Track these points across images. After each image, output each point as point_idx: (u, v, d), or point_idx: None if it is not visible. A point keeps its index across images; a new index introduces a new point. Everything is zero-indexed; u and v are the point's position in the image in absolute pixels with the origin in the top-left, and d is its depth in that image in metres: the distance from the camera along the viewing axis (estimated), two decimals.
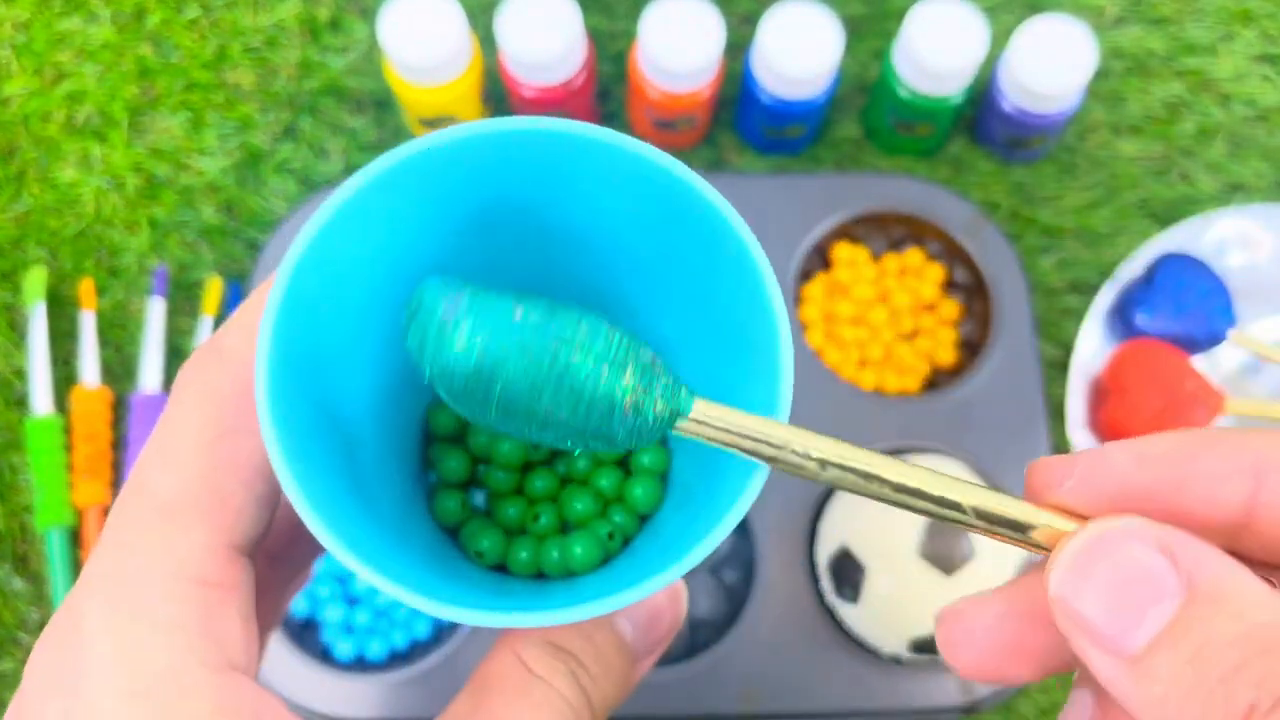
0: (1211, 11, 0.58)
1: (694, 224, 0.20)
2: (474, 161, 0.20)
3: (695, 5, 0.48)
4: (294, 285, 0.19)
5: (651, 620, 0.21)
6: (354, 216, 0.20)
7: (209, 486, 0.19)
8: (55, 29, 0.57)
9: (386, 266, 0.21)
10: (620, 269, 0.23)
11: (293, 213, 0.51)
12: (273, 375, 0.18)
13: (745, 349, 0.21)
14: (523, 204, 0.22)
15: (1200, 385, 0.48)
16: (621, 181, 0.21)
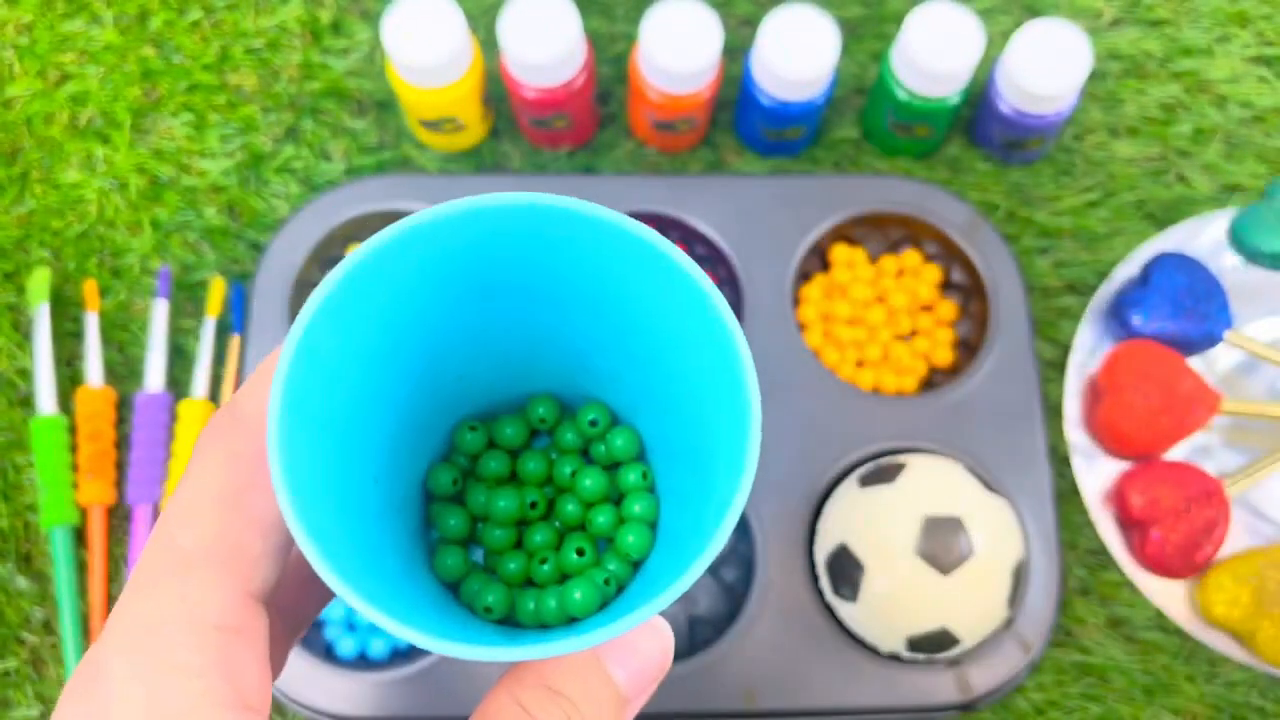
0: (1207, 13, 0.58)
1: (674, 295, 0.22)
2: (468, 232, 0.22)
3: (695, 8, 0.49)
4: (302, 353, 0.20)
5: (642, 666, 0.22)
6: (359, 285, 0.21)
7: (227, 539, 0.20)
8: (58, 31, 0.57)
9: (388, 332, 0.23)
10: (603, 333, 0.25)
11: (295, 213, 0.51)
12: (283, 437, 0.19)
13: (717, 414, 0.22)
14: (513, 270, 0.23)
15: (1197, 385, 0.49)
16: (607, 252, 0.22)
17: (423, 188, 0.51)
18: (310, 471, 0.20)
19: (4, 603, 0.49)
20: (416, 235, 0.21)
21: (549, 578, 0.25)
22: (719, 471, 0.21)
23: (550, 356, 0.26)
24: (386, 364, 0.23)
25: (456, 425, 0.27)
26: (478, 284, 0.23)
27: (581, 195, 0.55)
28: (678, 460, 0.25)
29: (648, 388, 0.25)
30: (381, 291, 0.22)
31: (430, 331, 0.24)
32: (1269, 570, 0.47)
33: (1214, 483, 0.48)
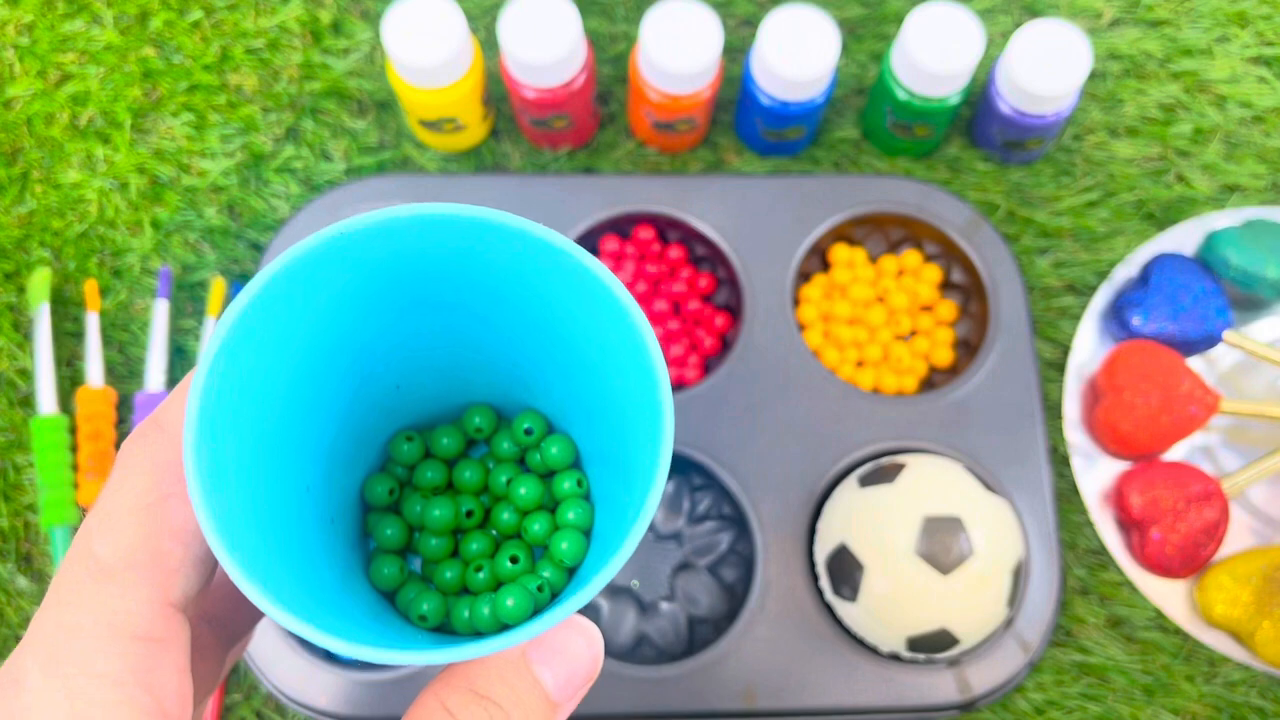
0: (1207, 14, 0.58)
1: (593, 304, 0.22)
2: (391, 244, 0.22)
3: (695, 8, 0.49)
4: (217, 365, 0.20)
5: (570, 669, 0.23)
6: (278, 297, 0.21)
7: (147, 547, 0.20)
8: (59, 31, 0.57)
9: (314, 343, 0.23)
10: (531, 343, 0.25)
11: (295, 214, 0.51)
12: (199, 448, 0.19)
13: (637, 420, 0.22)
14: (440, 282, 0.23)
15: (1196, 385, 0.49)
16: (529, 263, 0.22)
17: (423, 188, 0.51)
18: (232, 482, 0.20)
19: (4, 603, 0.49)
20: (336, 246, 0.21)
21: (484, 585, 0.25)
22: (637, 476, 0.22)
23: (483, 367, 0.27)
24: (314, 375, 0.23)
25: (393, 436, 0.27)
26: (405, 296, 0.23)
27: (581, 195, 0.55)
28: (608, 466, 0.25)
29: (577, 396, 0.26)
30: (304, 303, 0.22)
31: (360, 343, 0.24)
32: (1269, 570, 0.47)
33: (1213, 483, 0.48)
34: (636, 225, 0.52)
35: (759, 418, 0.48)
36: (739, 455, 0.47)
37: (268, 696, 0.48)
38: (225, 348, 0.20)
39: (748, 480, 0.47)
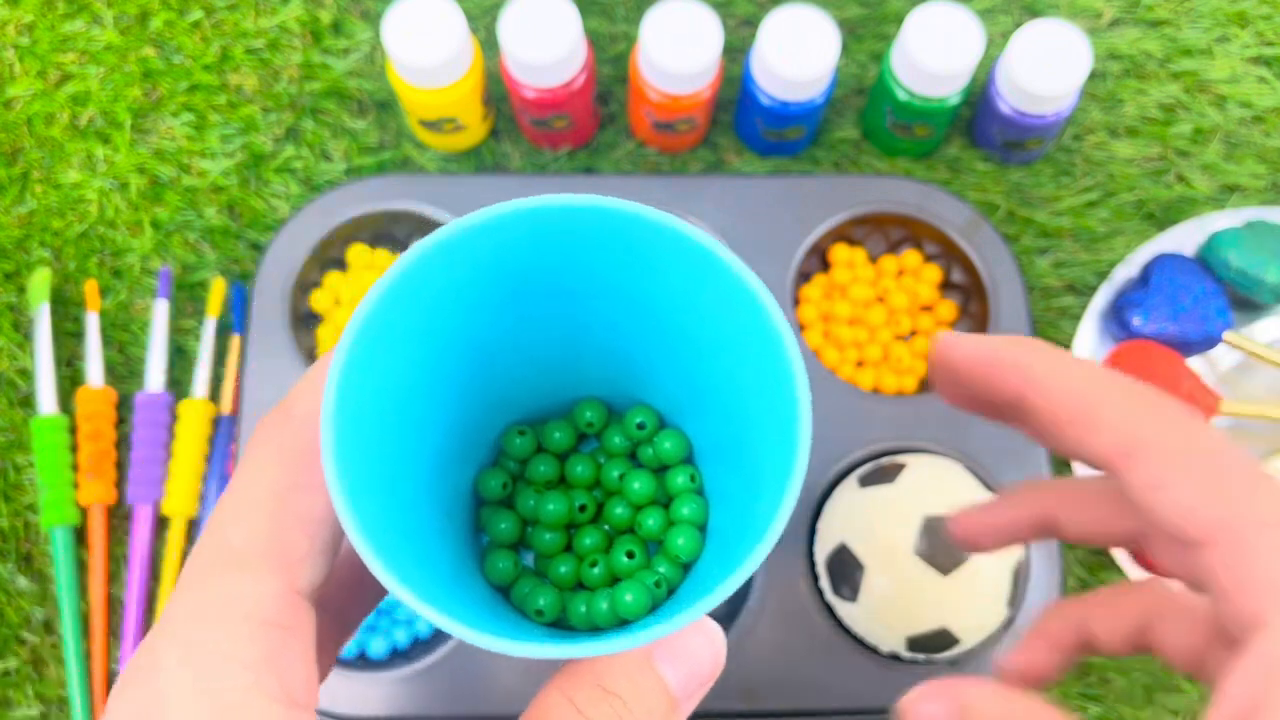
0: (1207, 14, 0.58)
1: (720, 294, 0.22)
2: (513, 234, 0.22)
3: (695, 8, 0.49)
4: (355, 354, 0.20)
5: (692, 668, 0.23)
6: (408, 287, 0.21)
7: (277, 537, 0.21)
8: (59, 31, 0.57)
9: (437, 335, 0.23)
10: (648, 335, 0.25)
11: (295, 214, 0.51)
12: (337, 438, 0.20)
13: (764, 415, 0.22)
14: (558, 274, 0.23)
15: (1196, 386, 0.49)
16: (652, 252, 0.22)
17: (423, 188, 0.51)
18: (363, 473, 0.21)
19: (4, 603, 0.49)
20: (463, 239, 0.21)
21: (599, 580, 0.25)
22: (766, 474, 0.21)
23: (597, 360, 0.26)
24: (435, 367, 0.23)
25: (505, 430, 0.27)
26: (523, 287, 0.23)
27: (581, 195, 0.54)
28: (725, 461, 0.25)
29: (694, 390, 0.25)
30: (430, 295, 0.22)
31: (478, 335, 0.24)
32: None
33: None
34: None
35: None
36: None
37: None
38: (360, 339, 0.20)
39: None
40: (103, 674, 0.48)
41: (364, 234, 0.52)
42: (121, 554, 0.50)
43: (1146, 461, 0.22)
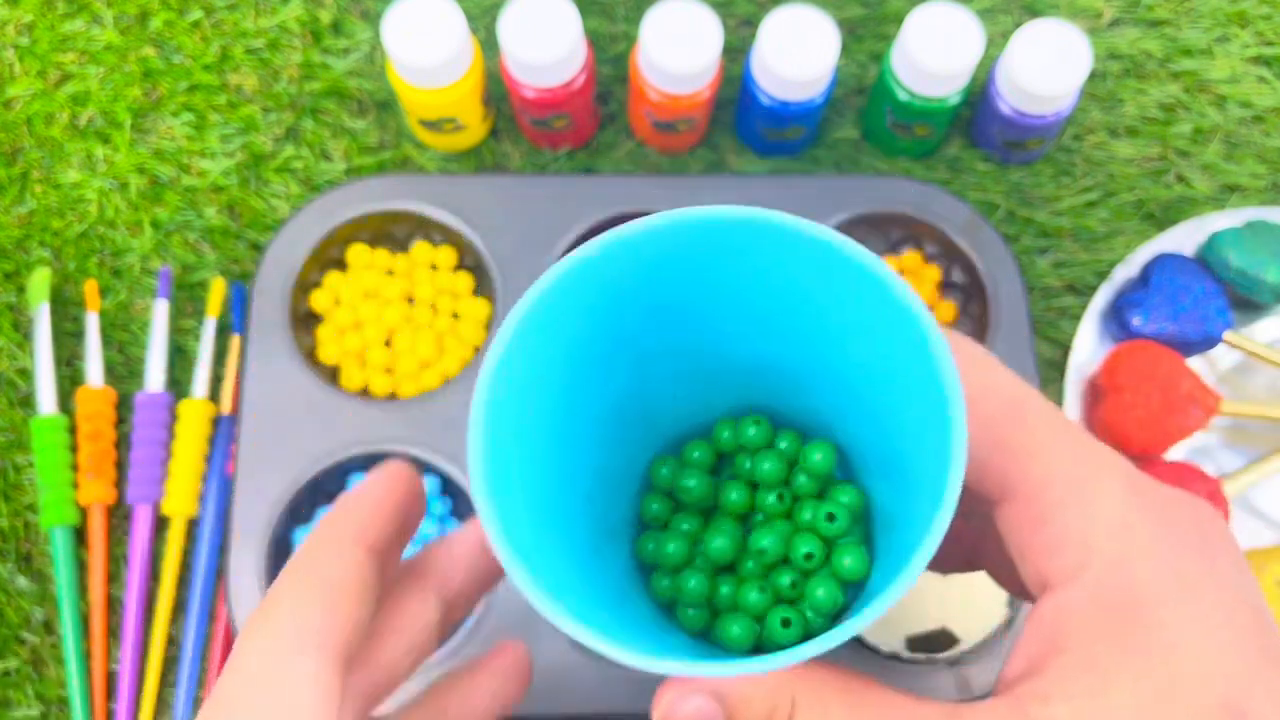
0: (1207, 14, 0.58)
1: (868, 303, 0.21)
2: (657, 249, 0.22)
3: (695, 8, 0.49)
4: (501, 370, 0.20)
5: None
6: (554, 303, 0.21)
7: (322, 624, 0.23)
8: (59, 31, 0.57)
9: (577, 351, 0.23)
10: (789, 342, 0.25)
11: (295, 214, 0.51)
12: (486, 455, 0.20)
13: (911, 421, 0.22)
14: (704, 288, 0.23)
15: (1196, 386, 0.49)
16: (800, 262, 0.22)
17: (423, 188, 0.51)
18: (513, 491, 0.21)
19: (4, 602, 0.49)
20: (610, 253, 0.21)
21: (759, 606, 0.25)
22: (921, 488, 0.21)
23: (741, 377, 0.26)
24: (581, 385, 0.24)
25: (654, 457, 0.27)
26: (667, 301, 0.23)
27: (581, 195, 0.55)
28: (876, 474, 0.25)
29: (840, 404, 0.25)
30: (577, 310, 0.22)
31: (624, 350, 0.24)
32: (1269, 570, 0.47)
33: (1213, 482, 0.48)
34: None
35: None
36: None
37: None
38: (508, 353, 0.20)
39: None
40: (102, 674, 0.48)
41: (364, 234, 0.52)
42: (121, 554, 0.50)
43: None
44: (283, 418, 0.47)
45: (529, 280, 0.52)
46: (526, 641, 0.44)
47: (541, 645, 0.44)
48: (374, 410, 0.48)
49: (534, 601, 0.19)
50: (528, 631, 0.44)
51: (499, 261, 0.50)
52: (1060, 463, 0.22)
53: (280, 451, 0.47)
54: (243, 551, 0.45)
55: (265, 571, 0.45)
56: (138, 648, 0.48)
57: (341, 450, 0.47)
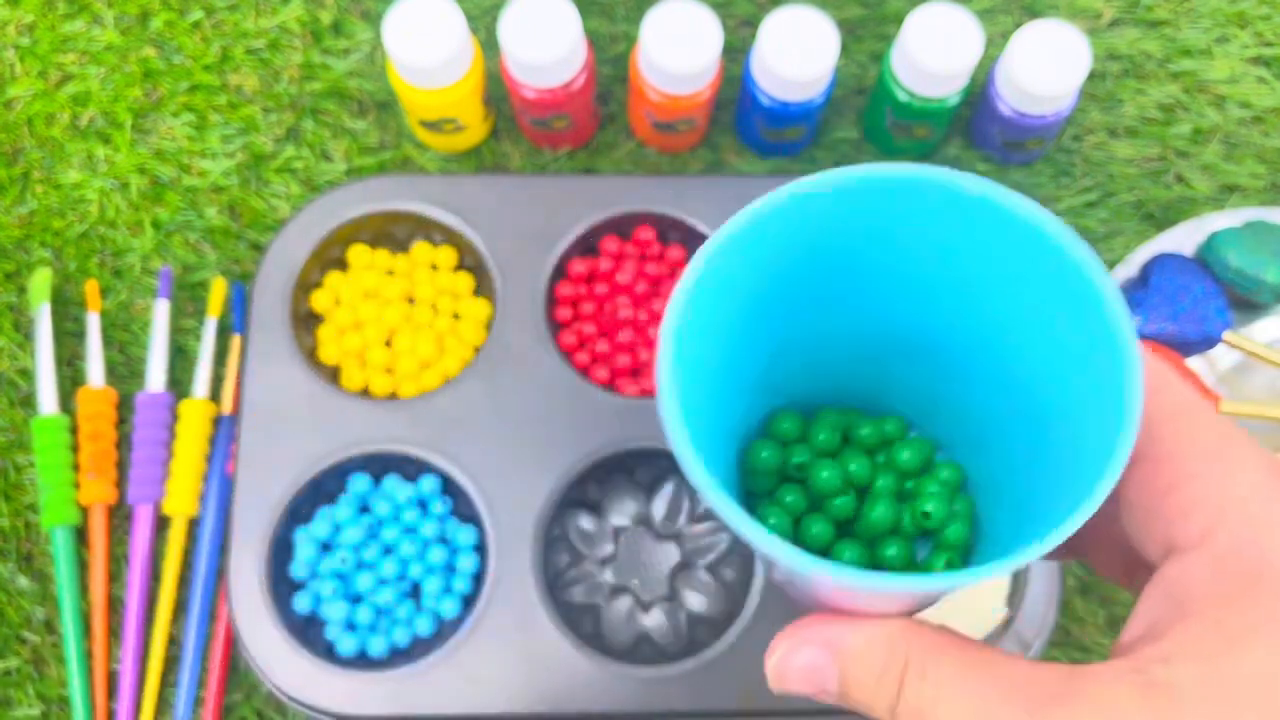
0: (1206, 14, 0.58)
1: (1036, 264, 0.22)
2: (834, 206, 0.22)
3: (695, 9, 0.49)
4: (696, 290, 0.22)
5: None
6: (742, 242, 0.22)
7: None
8: (59, 31, 0.57)
9: (756, 293, 0.24)
10: (946, 307, 0.25)
11: (296, 214, 0.51)
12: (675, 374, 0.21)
13: (1083, 379, 0.22)
14: (867, 242, 0.24)
15: (1196, 386, 0.49)
16: (969, 225, 0.22)
17: (423, 188, 0.51)
18: (693, 401, 0.22)
19: (5, 602, 0.49)
20: (793, 203, 0.22)
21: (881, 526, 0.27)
22: (1082, 459, 0.21)
23: (881, 328, 0.27)
24: (751, 322, 0.24)
25: (776, 411, 0.28)
26: (826, 255, 0.24)
27: (581, 195, 0.55)
28: (991, 450, 0.26)
29: (983, 361, 0.26)
30: (755, 254, 0.23)
31: (783, 298, 0.25)
32: None
33: None
34: (637, 226, 0.52)
35: None
36: None
37: (269, 696, 0.48)
38: (702, 277, 0.22)
39: None
40: (103, 673, 0.48)
41: (364, 234, 0.52)
42: (122, 553, 0.50)
43: None
44: (283, 418, 0.47)
45: (530, 280, 0.52)
46: (526, 640, 0.45)
47: (541, 644, 0.44)
48: (375, 410, 0.48)
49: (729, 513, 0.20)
50: (528, 630, 0.45)
51: (499, 262, 0.50)
52: (1200, 431, 0.22)
53: (281, 451, 0.47)
54: (243, 551, 0.45)
55: (266, 571, 0.45)
56: (139, 647, 0.48)
57: (342, 450, 0.47)
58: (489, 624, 0.45)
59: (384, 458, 0.48)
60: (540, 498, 0.46)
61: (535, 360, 0.49)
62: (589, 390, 0.48)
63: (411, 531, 0.48)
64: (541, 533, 0.46)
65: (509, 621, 0.45)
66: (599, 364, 0.50)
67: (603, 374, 0.50)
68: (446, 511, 0.48)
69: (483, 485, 0.47)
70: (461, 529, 0.48)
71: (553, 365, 0.49)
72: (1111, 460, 0.20)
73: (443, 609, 0.47)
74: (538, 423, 0.48)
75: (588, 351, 0.50)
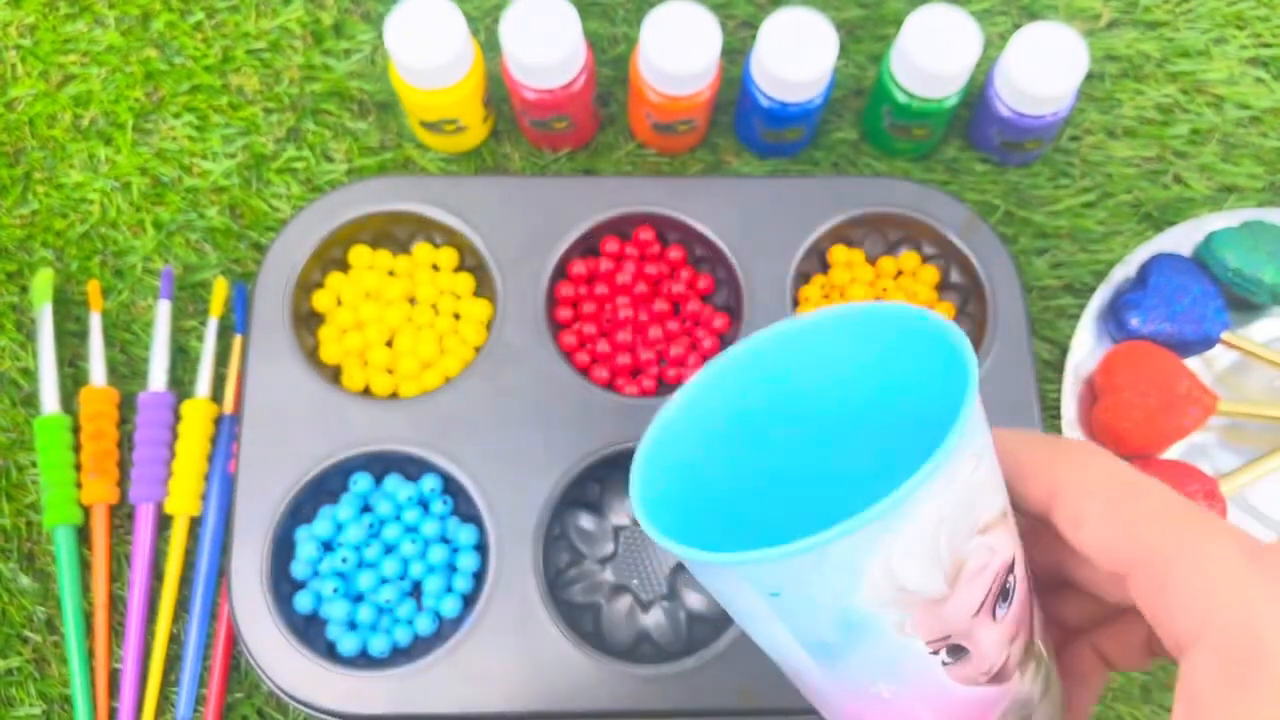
0: (1204, 15, 0.58)
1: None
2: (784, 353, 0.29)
3: (694, 10, 0.49)
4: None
5: None
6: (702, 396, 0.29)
7: None
8: (61, 32, 0.57)
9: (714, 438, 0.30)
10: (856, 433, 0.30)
11: (297, 214, 0.51)
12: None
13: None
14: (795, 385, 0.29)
15: (1194, 385, 0.49)
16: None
17: (424, 189, 0.51)
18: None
19: (7, 602, 0.49)
20: (741, 359, 0.28)
21: None
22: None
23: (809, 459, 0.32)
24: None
25: None
26: (768, 402, 0.29)
27: (582, 196, 0.55)
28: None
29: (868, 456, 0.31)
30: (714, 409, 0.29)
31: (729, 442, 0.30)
32: None
33: (1210, 481, 0.48)
34: (637, 226, 0.52)
35: None
36: None
37: (270, 695, 0.48)
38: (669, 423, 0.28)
39: None
40: (105, 673, 0.48)
41: (365, 235, 0.52)
42: (124, 553, 0.50)
43: (1066, 501, 0.25)
44: (284, 417, 0.48)
45: (530, 281, 0.52)
46: (526, 639, 0.45)
47: (542, 643, 0.45)
48: (375, 410, 0.48)
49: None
50: (528, 629, 0.45)
51: (500, 262, 0.50)
52: (1173, 530, 0.23)
53: (282, 451, 0.47)
54: (245, 550, 0.46)
55: (267, 570, 0.45)
56: (140, 646, 0.48)
57: (343, 450, 0.47)
58: (490, 623, 0.45)
59: (385, 457, 0.48)
60: (541, 497, 0.47)
61: (536, 360, 0.49)
62: (589, 390, 0.49)
63: (412, 531, 0.48)
64: (542, 532, 0.46)
65: (509, 620, 0.45)
66: (599, 364, 0.50)
67: (603, 374, 0.50)
68: (447, 511, 0.48)
69: (483, 484, 0.47)
70: (462, 528, 0.48)
71: (553, 365, 0.49)
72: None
73: (443, 608, 0.47)
74: (538, 422, 0.48)
75: (588, 351, 0.51)
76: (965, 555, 0.24)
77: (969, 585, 0.24)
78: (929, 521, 0.23)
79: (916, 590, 0.24)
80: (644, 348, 0.51)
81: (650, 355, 0.51)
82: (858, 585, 0.23)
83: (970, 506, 0.24)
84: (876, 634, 0.24)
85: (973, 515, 0.24)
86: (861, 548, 0.22)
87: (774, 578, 0.23)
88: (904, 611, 0.24)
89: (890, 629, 0.24)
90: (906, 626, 0.24)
